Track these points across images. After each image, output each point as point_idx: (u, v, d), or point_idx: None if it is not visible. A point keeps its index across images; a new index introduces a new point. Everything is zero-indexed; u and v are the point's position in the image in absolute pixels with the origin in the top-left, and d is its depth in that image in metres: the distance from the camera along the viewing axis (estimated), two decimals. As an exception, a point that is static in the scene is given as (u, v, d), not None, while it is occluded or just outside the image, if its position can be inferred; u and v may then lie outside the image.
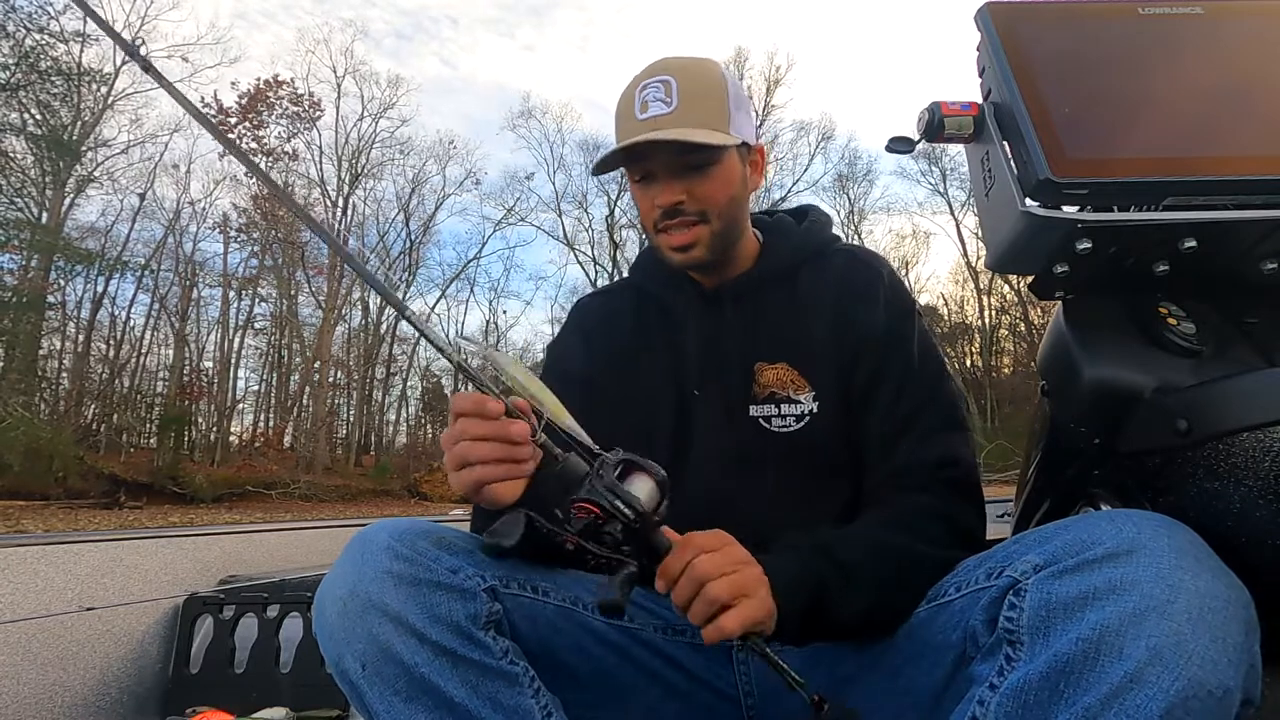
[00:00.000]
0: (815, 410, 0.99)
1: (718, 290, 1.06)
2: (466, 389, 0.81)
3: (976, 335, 30.20)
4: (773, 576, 0.77)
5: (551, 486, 0.77)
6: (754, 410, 1.00)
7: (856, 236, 30.52)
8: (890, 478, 0.95)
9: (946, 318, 31.33)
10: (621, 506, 0.73)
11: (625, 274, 1.21)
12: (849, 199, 31.34)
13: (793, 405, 0.99)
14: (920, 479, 0.93)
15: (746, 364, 1.01)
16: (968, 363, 29.86)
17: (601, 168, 1.03)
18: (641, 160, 0.99)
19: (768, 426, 0.99)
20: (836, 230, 1.14)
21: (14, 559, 1.63)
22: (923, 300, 30.95)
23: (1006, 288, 26.95)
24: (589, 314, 1.16)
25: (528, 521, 0.75)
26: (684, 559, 0.74)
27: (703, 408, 1.01)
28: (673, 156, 0.97)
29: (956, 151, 1.03)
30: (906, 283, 1.08)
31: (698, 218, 0.99)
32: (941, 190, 29.36)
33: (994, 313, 29.51)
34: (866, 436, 0.98)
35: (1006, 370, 28.83)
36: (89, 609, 1.70)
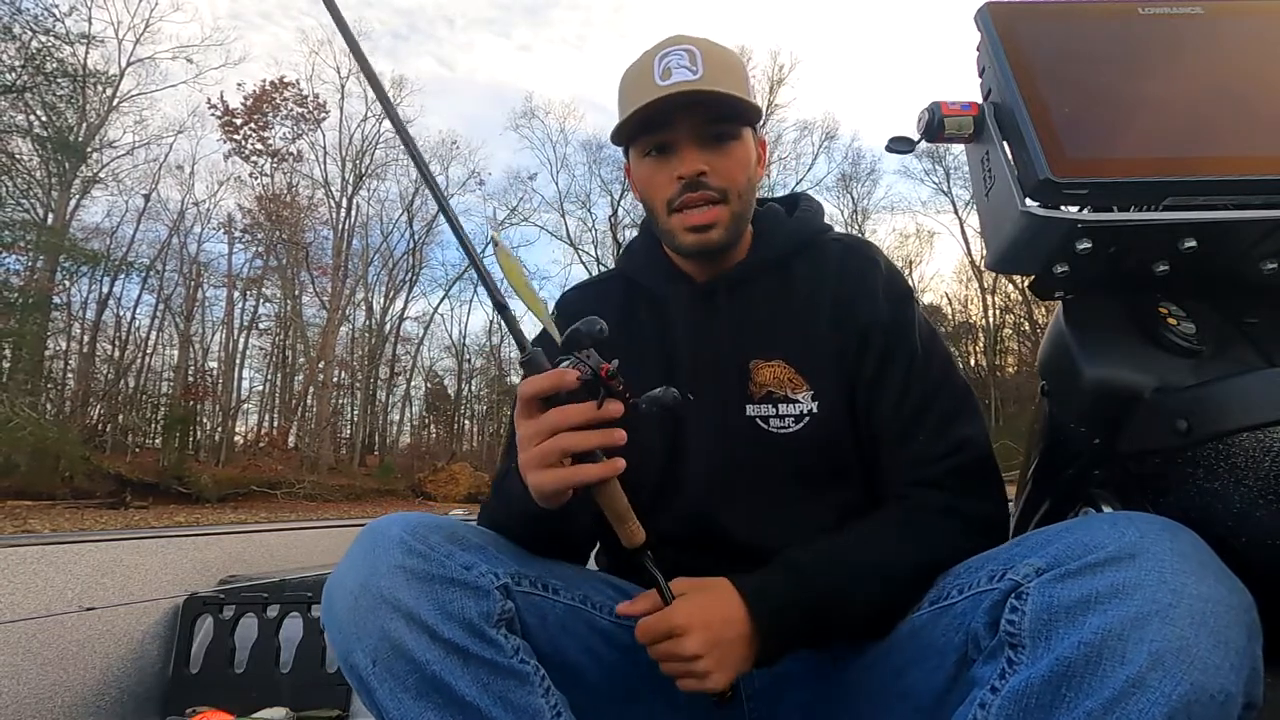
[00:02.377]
0: (815, 410, 0.96)
1: (710, 283, 1.03)
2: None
3: (981, 335, 30.14)
4: (758, 619, 0.80)
5: None
6: (751, 410, 0.97)
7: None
8: (904, 471, 0.93)
9: (951, 317, 31.28)
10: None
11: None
12: (853, 198, 31.31)
13: (791, 405, 0.96)
14: (935, 472, 0.91)
15: (742, 362, 0.98)
16: (972, 362, 29.79)
17: (620, 135, 0.99)
18: (663, 128, 0.95)
19: (765, 428, 0.96)
20: (827, 220, 1.11)
21: (14, 559, 1.63)
22: (926, 299, 30.90)
23: (1011, 287, 26.89)
24: (570, 305, 1.12)
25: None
26: (660, 630, 0.79)
27: (697, 409, 0.97)
28: (699, 125, 0.94)
29: (960, 150, 1.02)
30: (903, 272, 1.07)
31: (719, 195, 0.95)
32: (945, 189, 29.30)
33: (998, 312, 29.47)
34: (878, 428, 0.96)
35: (1011, 370, 28.77)
36: (89, 609, 1.70)
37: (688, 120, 0.94)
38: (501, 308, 0.80)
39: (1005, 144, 0.90)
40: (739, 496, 0.96)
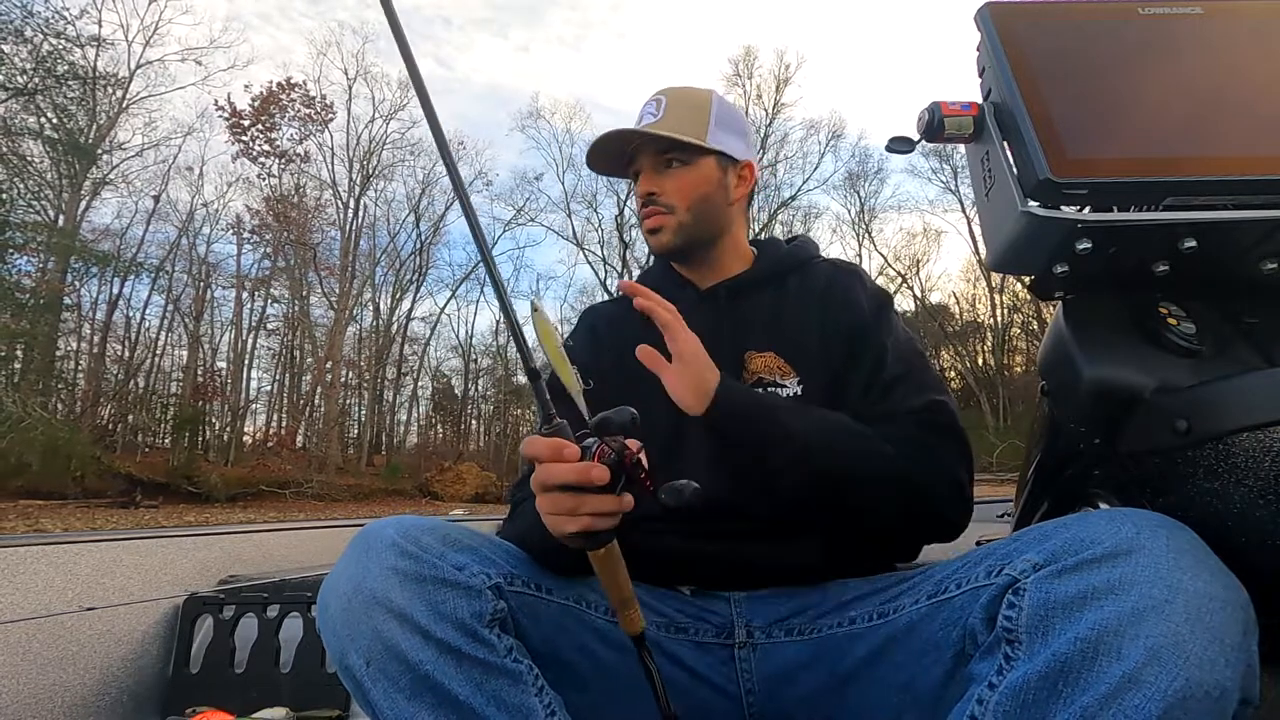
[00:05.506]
0: (799, 394, 1.05)
1: (713, 289, 1.17)
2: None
3: (989, 334, 30.00)
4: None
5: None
6: None
7: (867, 235, 30.43)
8: (875, 422, 0.98)
9: (958, 316, 31.20)
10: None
11: (634, 273, 1.27)
12: (859, 197, 31.28)
13: (779, 389, 1.06)
14: (906, 421, 0.99)
15: (737, 352, 1.09)
16: (980, 361, 29.70)
17: (594, 165, 1.22)
18: (633, 160, 1.18)
19: None
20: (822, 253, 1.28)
21: (14, 559, 1.63)
22: (934, 298, 30.89)
23: (1019, 286, 26.75)
24: (599, 315, 1.27)
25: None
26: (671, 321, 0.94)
27: None
28: (653, 154, 1.15)
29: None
30: (881, 287, 1.20)
31: (666, 209, 1.14)
32: (953, 188, 29.22)
33: (1006, 311, 29.32)
34: (855, 403, 1.03)
35: (1019, 369, 28.62)
36: (89, 609, 1.70)
37: (644, 153, 1.16)
38: (533, 375, 0.77)
39: (1005, 144, 0.89)
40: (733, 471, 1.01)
